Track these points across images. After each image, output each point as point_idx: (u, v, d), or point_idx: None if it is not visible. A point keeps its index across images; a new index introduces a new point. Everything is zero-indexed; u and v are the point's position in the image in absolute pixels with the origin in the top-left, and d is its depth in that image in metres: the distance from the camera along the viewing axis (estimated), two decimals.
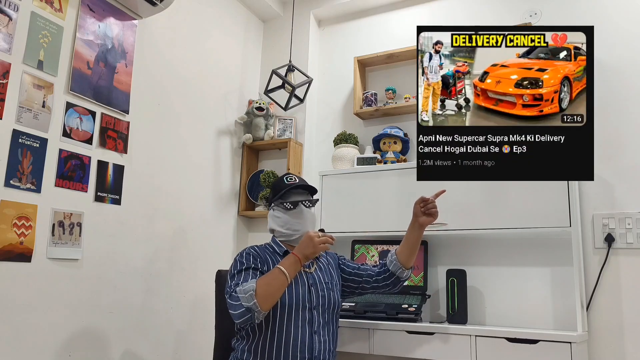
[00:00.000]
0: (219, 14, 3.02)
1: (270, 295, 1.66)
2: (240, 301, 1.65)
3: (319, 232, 1.80)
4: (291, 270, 1.71)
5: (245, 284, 1.68)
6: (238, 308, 1.65)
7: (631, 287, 2.22)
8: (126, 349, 2.26)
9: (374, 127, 2.97)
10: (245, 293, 1.65)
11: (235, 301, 1.67)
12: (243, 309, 1.64)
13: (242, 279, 1.73)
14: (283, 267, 1.70)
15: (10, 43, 1.89)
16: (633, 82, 2.37)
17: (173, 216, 2.58)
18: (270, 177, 2.95)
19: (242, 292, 1.65)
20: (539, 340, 1.94)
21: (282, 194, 1.91)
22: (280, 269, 1.69)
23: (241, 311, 1.65)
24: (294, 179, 1.93)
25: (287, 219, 1.90)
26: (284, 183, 1.93)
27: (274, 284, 1.67)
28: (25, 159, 1.90)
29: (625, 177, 2.32)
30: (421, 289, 2.46)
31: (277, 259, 1.86)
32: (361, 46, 3.12)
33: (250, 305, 1.63)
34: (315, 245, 1.74)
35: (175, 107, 2.65)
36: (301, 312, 1.78)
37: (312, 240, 1.74)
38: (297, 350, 1.73)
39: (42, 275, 1.94)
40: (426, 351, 2.11)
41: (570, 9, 2.57)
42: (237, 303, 1.66)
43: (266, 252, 1.89)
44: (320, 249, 1.74)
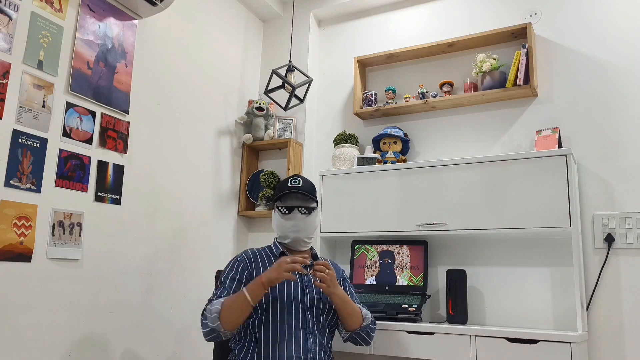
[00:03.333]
0: (219, 14, 3.02)
1: (232, 317, 1.69)
2: (207, 321, 1.71)
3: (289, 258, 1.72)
4: (254, 294, 1.69)
5: (214, 302, 1.73)
6: (205, 327, 1.73)
7: (631, 287, 2.22)
8: (126, 349, 2.26)
9: (374, 127, 2.97)
10: (211, 314, 1.70)
11: (204, 319, 1.74)
12: (209, 328, 1.71)
13: (219, 293, 1.79)
14: (247, 291, 1.70)
15: (10, 43, 1.89)
16: (633, 82, 2.37)
17: (173, 216, 2.58)
18: (270, 177, 2.95)
19: (209, 312, 1.71)
20: (539, 340, 1.94)
21: (279, 196, 1.91)
22: (244, 292, 1.70)
23: (207, 330, 1.72)
24: (297, 183, 1.91)
25: (282, 223, 1.90)
26: (286, 185, 1.92)
27: (236, 306, 1.70)
28: (25, 159, 1.90)
29: (625, 177, 2.32)
30: (421, 289, 2.46)
31: (272, 261, 1.88)
32: (361, 46, 3.12)
33: (214, 326, 1.70)
34: (280, 272, 1.69)
35: (175, 107, 2.65)
36: (294, 313, 1.78)
37: (279, 266, 1.70)
38: (292, 351, 1.73)
39: (42, 275, 1.94)
40: (426, 351, 2.11)
41: (570, 9, 2.57)
42: (205, 322, 1.73)
43: (262, 255, 1.90)
44: (283, 276, 1.69)
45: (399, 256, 2.56)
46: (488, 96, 2.58)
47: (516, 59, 2.51)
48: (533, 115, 2.56)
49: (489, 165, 2.34)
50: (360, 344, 1.94)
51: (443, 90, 2.74)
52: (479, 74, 2.64)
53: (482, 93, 2.58)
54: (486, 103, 2.68)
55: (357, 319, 1.87)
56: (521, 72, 2.48)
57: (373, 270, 2.59)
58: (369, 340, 1.93)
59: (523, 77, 2.48)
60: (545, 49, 2.59)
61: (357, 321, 1.87)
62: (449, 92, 2.73)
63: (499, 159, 2.33)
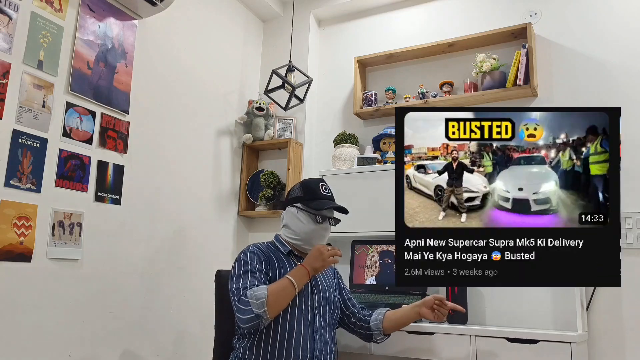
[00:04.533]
0: (219, 14, 3.02)
1: (279, 304, 1.68)
2: (251, 307, 1.65)
3: (328, 246, 1.81)
4: (301, 282, 1.73)
5: (256, 289, 1.68)
6: (247, 313, 1.65)
7: (631, 287, 2.22)
8: (126, 349, 2.26)
9: (374, 127, 2.97)
10: (257, 300, 1.65)
11: (245, 305, 1.67)
12: (252, 314, 1.65)
13: (250, 282, 1.72)
14: (293, 279, 1.71)
15: (10, 43, 1.89)
16: (633, 82, 2.37)
17: (173, 216, 2.58)
18: (270, 177, 2.95)
19: (254, 298, 1.65)
20: (539, 340, 1.93)
21: (316, 202, 1.88)
22: (290, 280, 1.71)
23: (250, 316, 1.65)
24: (328, 191, 1.94)
25: (311, 229, 1.87)
26: (320, 192, 1.90)
27: (284, 294, 1.69)
28: (25, 159, 1.90)
29: (625, 177, 2.31)
30: (421, 289, 2.46)
31: (281, 258, 1.86)
32: (361, 46, 3.12)
33: (260, 312, 1.64)
34: (325, 259, 1.76)
35: (175, 107, 2.64)
36: (303, 311, 1.78)
37: (321, 254, 1.76)
38: (299, 349, 1.73)
39: (42, 275, 1.94)
40: (426, 351, 2.11)
41: (570, 9, 2.57)
42: (247, 308, 1.66)
43: (270, 251, 1.88)
44: (329, 262, 1.77)
45: None
46: (488, 96, 2.58)
47: (516, 59, 2.51)
48: None
49: None
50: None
51: (443, 90, 2.74)
52: (479, 74, 2.64)
53: (482, 93, 2.58)
54: (486, 103, 2.67)
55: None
56: (521, 72, 2.48)
57: (373, 270, 2.58)
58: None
59: (523, 77, 2.48)
60: (545, 49, 2.59)
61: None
62: (449, 92, 2.73)
63: None
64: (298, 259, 1.87)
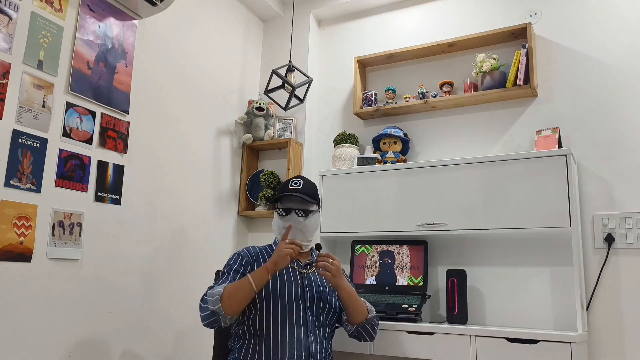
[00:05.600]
0: (219, 14, 3.02)
1: (234, 301, 1.69)
2: (208, 304, 1.70)
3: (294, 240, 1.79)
4: (257, 278, 1.71)
5: (215, 287, 1.73)
6: (205, 310, 1.71)
7: (631, 287, 2.22)
8: (126, 349, 2.26)
9: (374, 127, 2.97)
10: (213, 297, 1.69)
11: (204, 303, 1.72)
12: (209, 311, 1.69)
13: (220, 283, 1.77)
14: (250, 276, 1.72)
15: (10, 43, 1.89)
16: (633, 82, 2.37)
17: (173, 216, 2.58)
18: (270, 177, 2.95)
19: (210, 296, 1.70)
20: (539, 340, 1.93)
21: (278, 197, 1.90)
22: (248, 277, 1.72)
23: (207, 314, 1.70)
24: (297, 185, 1.90)
25: (280, 224, 1.89)
26: (286, 187, 1.91)
27: (239, 289, 1.70)
28: (25, 159, 1.90)
29: (625, 177, 2.32)
30: (421, 289, 2.46)
31: None
32: (361, 46, 3.12)
33: (215, 309, 1.68)
34: (280, 250, 1.74)
35: (175, 107, 2.64)
36: (295, 311, 1.78)
37: (279, 250, 1.75)
38: (294, 349, 1.73)
39: (42, 275, 1.94)
40: (426, 351, 2.11)
41: (570, 9, 2.57)
42: (205, 306, 1.71)
43: (262, 254, 1.90)
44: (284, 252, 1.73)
45: (399, 256, 2.56)
46: (488, 96, 2.58)
47: (516, 59, 2.51)
48: (533, 115, 2.56)
49: (489, 165, 2.34)
50: (364, 339, 1.93)
51: (443, 90, 2.74)
52: (479, 74, 2.64)
53: (482, 93, 2.58)
54: (486, 103, 2.68)
55: (362, 312, 1.88)
56: (521, 72, 2.48)
57: (373, 270, 2.59)
58: (373, 335, 1.93)
59: (523, 77, 2.47)
60: (545, 49, 2.59)
61: (362, 314, 1.88)
62: (449, 92, 2.73)
63: (499, 159, 2.33)
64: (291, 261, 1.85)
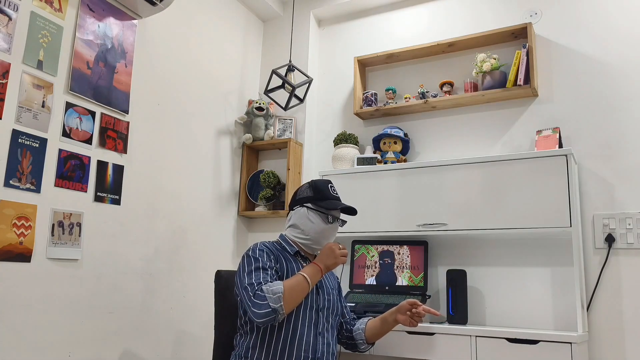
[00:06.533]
0: (219, 14, 3.02)
1: (294, 299, 1.69)
2: (268, 301, 1.65)
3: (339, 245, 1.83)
4: (314, 279, 1.74)
5: (271, 284, 1.68)
6: (264, 307, 1.65)
7: (631, 288, 2.22)
8: (126, 349, 2.26)
9: (374, 127, 2.97)
10: (274, 294, 1.65)
11: (261, 300, 1.66)
12: (269, 309, 1.64)
13: (262, 278, 1.72)
14: (307, 276, 1.72)
15: (10, 43, 1.89)
16: (633, 82, 2.37)
17: (173, 216, 2.57)
18: (270, 177, 2.95)
19: (270, 293, 1.65)
20: (539, 340, 1.93)
21: (327, 202, 1.87)
22: (304, 276, 1.72)
23: (267, 311, 1.64)
24: (336, 192, 1.95)
25: (321, 229, 1.86)
26: (330, 193, 1.91)
27: (299, 290, 1.70)
28: (24, 159, 1.90)
29: (625, 177, 2.32)
30: (421, 289, 2.46)
31: (288, 258, 1.84)
32: (361, 46, 3.12)
33: (276, 306, 1.64)
34: (337, 257, 1.78)
35: (175, 107, 2.64)
36: (308, 312, 1.78)
37: (333, 252, 1.79)
38: (302, 350, 1.73)
39: (42, 275, 1.94)
40: (426, 351, 2.11)
41: (570, 9, 2.57)
42: (264, 302, 1.65)
43: (277, 250, 1.87)
44: (341, 260, 1.79)
45: (399, 256, 2.56)
46: (488, 96, 2.58)
47: (516, 59, 2.51)
48: (533, 115, 2.56)
49: (489, 165, 2.34)
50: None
51: (443, 90, 2.74)
52: (479, 74, 2.64)
53: (483, 93, 2.58)
54: (486, 103, 2.67)
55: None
56: (521, 72, 2.48)
57: (373, 270, 2.58)
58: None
59: (523, 77, 2.47)
60: (546, 49, 2.59)
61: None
62: (449, 92, 2.73)
63: (499, 159, 2.32)
64: (305, 260, 1.87)
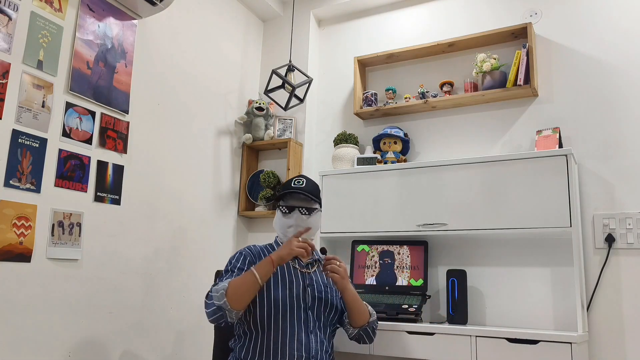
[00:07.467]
0: (219, 13, 3.02)
1: (240, 294, 1.68)
2: (213, 300, 1.69)
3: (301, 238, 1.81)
4: (262, 271, 1.72)
5: (220, 283, 1.72)
6: (210, 307, 1.70)
7: (632, 288, 2.22)
8: (126, 349, 2.26)
9: (374, 127, 2.96)
10: (217, 292, 1.68)
11: (209, 300, 1.71)
12: (214, 307, 1.68)
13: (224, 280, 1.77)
14: (254, 269, 1.72)
15: (10, 43, 1.89)
16: (633, 82, 2.37)
17: (173, 216, 2.57)
18: (270, 177, 2.95)
19: (215, 292, 1.70)
20: (540, 340, 1.93)
21: (281, 195, 1.91)
22: (252, 270, 1.72)
23: (213, 309, 1.69)
24: (300, 183, 1.91)
25: (283, 222, 1.91)
26: (289, 185, 1.92)
27: (244, 283, 1.70)
28: (24, 159, 1.90)
29: (626, 177, 2.32)
30: (421, 289, 2.46)
31: None
32: (361, 46, 3.11)
33: (220, 303, 1.67)
34: (292, 248, 1.75)
35: (175, 107, 2.64)
36: (296, 311, 1.78)
37: (290, 243, 1.77)
38: (294, 349, 1.73)
39: (41, 276, 1.94)
40: (426, 351, 2.10)
41: (570, 9, 2.57)
42: (210, 302, 1.70)
43: (264, 252, 1.89)
44: (296, 252, 1.75)
45: (399, 256, 2.56)
46: (488, 96, 2.58)
47: (516, 58, 2.51)
48: (533, 115, 2.56)
49: (489, 165, 2.34)
50: (364, 342, 1.94)
51: (443, 90, 2.74)
52: (479, 74, 2.64)
53: (483, 93, 2.58)
54: (486, 103, 2.67)
55: (365, 315, 1.89)
56: (521, 72, 2.48)
57: (373, 270, 2.58)
58: (372, 337, 1.94)
59: (523, 77, 2.47)
60: (546, 49, 2.59)
61: (365, 317, 1.89)
62: (449, 92, 2.72)
63: (499, 159, 2.32)
64: (292, 259, 1.87)
